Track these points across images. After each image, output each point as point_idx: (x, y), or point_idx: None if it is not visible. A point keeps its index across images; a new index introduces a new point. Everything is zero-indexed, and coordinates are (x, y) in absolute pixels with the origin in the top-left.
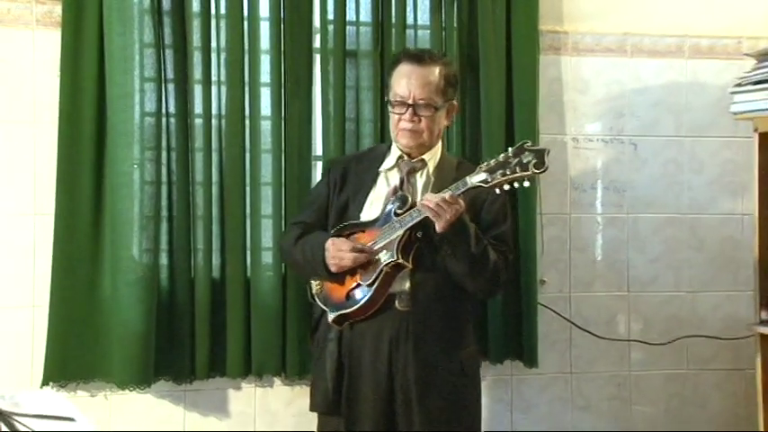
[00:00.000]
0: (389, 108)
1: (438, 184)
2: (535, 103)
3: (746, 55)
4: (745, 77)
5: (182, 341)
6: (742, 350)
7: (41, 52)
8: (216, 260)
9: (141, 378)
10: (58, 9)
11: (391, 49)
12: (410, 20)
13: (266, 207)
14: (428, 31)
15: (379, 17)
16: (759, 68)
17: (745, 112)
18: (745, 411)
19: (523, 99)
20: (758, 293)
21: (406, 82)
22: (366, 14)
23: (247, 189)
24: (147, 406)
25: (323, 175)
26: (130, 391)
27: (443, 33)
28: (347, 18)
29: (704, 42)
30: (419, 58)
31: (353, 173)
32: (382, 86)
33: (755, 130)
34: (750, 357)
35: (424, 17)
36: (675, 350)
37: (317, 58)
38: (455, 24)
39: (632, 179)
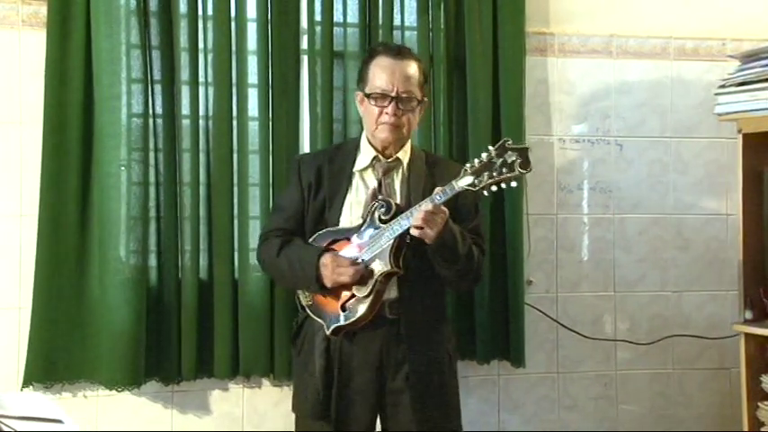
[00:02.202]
0: (368, 102)
1: (414, 182)
2: (521, 104)
3: (730, 56)
4: (728, 79)
5: (169, 342)
6: (726, 349)
7: (27, 53)
8: (203, 261)
9: (130, 378)
10: (44, 10)
11: None
12: (397, 21)
13: (254, 208)
14: (415, 33)
15: (367, 18)
16: (743, 70)
17: (729, 113)
18: (730, 410)
19: (510, 100)
20: (742, 293)
21: (388, 75)
22: (353, 16)
23: (235, 190)
24: (135, 407)
25: (293, 174)
26: (118, 391)
27: (430, 35)
28: (334, 19)
29: (689, 44)
30: (399, 51)
31: (327, 173)
32: None
33: (739, 131)
34: (734, 356)
35: (411, 18)
36: (661, 350)
37: (305, 59)
38: (442, 26)
39: (618, 180)
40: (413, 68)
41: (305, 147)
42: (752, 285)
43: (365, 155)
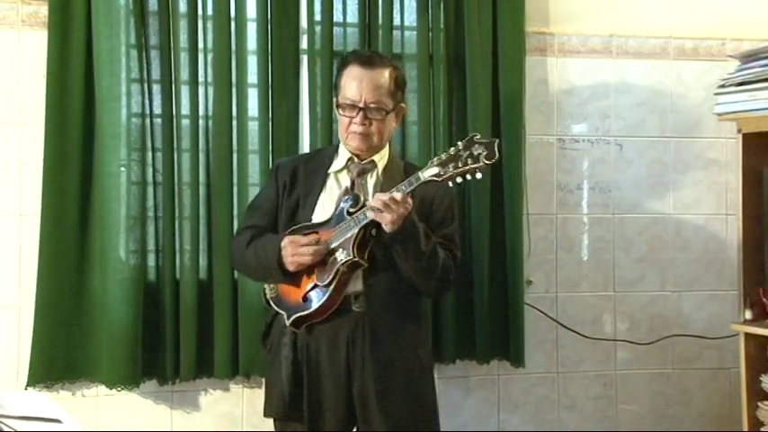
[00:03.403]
0: (338, 111)
1: (387, 186)
2: (521, 104)
3: (730, 56)
4: (728, 79)
5: (169, 342)
6: (726, 349)
7: (27, 53)
8: (203, 261)
9: (128, 378)
10: (44, 10)
11: (378, 50)
12: (397, 21)
13: None
14: (415, 33)
15: (366, 18)
16: (742, 70)
17: (728, 113)
18: (729, 410)
19: (510, 100)
20: (742, 293)
21: (356, 85)
22: (353, 16)
23: (234, 190)
24: (134, 407)
25: (271, 176)
26: (118, 391)
27: (430, 35)
28: (334, 19)
29: (689, 44)
30: (369, 60)
31: (302, 174)
32: None
33: (739, 131)
34: (734, 356)
35: (410, 18)
36: (660, 349)
37: (305, 59)
38: (442, 26)
39: (618, 179)
40: (383, 77)
41: (305, 147)
42: (751, 285)
43: (342, 157)
